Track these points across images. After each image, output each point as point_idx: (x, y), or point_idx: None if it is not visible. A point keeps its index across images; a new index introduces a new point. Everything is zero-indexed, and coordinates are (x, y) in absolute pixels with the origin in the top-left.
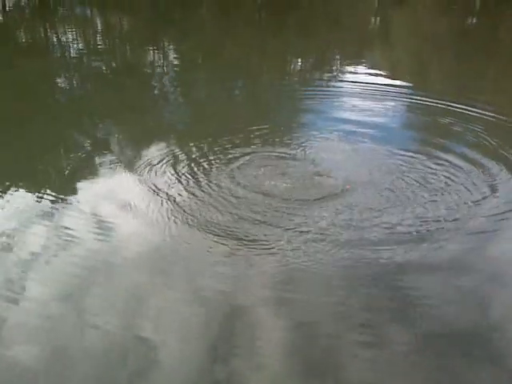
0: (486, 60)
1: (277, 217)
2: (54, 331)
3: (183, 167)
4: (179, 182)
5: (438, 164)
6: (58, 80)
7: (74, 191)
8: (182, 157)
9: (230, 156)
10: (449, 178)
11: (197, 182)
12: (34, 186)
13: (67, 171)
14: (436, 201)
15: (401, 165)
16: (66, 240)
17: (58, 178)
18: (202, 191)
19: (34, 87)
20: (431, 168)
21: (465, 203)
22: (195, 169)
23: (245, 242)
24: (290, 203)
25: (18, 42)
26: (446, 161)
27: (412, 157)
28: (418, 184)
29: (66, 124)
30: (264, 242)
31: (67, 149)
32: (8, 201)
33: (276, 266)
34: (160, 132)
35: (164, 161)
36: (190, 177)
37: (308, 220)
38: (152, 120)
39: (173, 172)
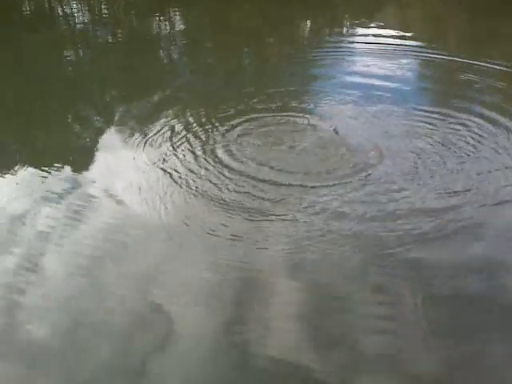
0: (502, 16)
1: (288, 191)
2: (72, 305)
3: (197, 134)
4: (190, 153)
5: (464, 125)
6: (63, 52)
7: (78, 168)
8: (196, 123)
9: (235, 122)
10: (478, 140)
11: (206, 150)
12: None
13: (70, 147)
14: (465, 168)
15: (423, 127)
16: (75, 219)
17: (60, 154)
18: (210, 164)
19: (39, 60)
20: (457, 129)
21: (497, 170)
22: (202, 136)
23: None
24: (305, 176)
25: (22, 14)
26: (472, 121)
27: (435, 117)
28: (444, 148)
29: (71, 98)
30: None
31: (70, 124)
32: (14, 181)
33: (289, 242)
34: (169, 101)
35: (176, 130)
36: (200, 145)
37: (326, 194)
38: (159, 89)
39: (185, 143)
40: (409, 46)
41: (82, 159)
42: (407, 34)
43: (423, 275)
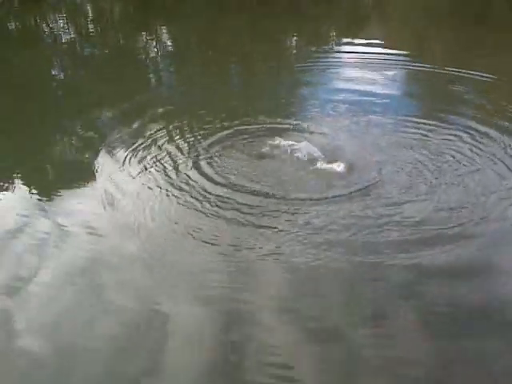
0: (486, 28)
1: (277, 211)
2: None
3: (183, 147)
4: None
5: (457, 135)
6: (51, 68)
7: (54, 185)
8: (183, 136)
9: (220, 136)
10: (479, 148)
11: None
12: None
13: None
14: (466, 182)
15: (417, 138)
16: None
17: (38, 170)
18: (191, 180)
19: (26, 78)
20: (451, 139)
21: (501, 186)
22: (185, 149)
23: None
24: (293, 193)
25: (7, 32)
26: (464, 131)
27: (427, 128)
28: (440, 160)
29: (59, 114)
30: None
31: (52, 140)
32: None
33: (279, 271)
34: (152, 114)
35: (158, 143)
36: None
37: (317, 215)
38: (147, 105)
39: (170, 156)
40: (395, 56)
41: (61, 175)
42: (393, 46)
43: (420, 304)
